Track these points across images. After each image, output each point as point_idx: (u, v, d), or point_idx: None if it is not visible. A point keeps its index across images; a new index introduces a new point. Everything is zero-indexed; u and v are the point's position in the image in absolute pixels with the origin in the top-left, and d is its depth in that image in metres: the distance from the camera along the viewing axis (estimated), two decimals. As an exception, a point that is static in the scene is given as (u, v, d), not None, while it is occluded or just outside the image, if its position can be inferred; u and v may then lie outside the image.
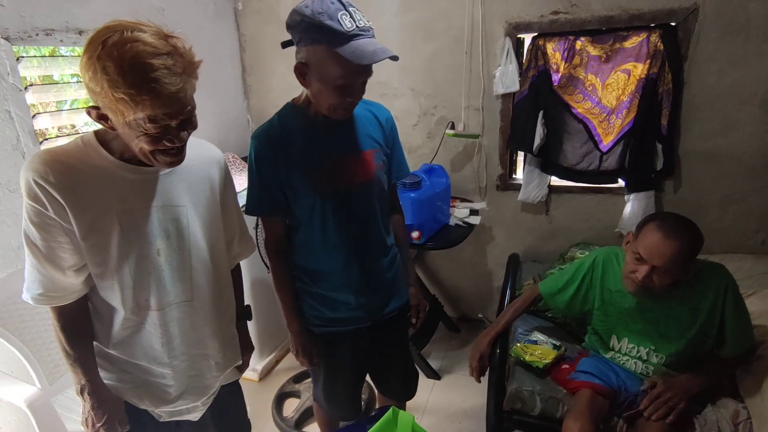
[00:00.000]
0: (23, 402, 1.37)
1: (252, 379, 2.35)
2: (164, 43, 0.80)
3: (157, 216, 0.97)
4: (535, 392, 1.53)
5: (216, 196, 1.09)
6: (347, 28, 0.98)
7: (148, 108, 0.79)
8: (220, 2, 2.44)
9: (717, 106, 2.02)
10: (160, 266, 0.99)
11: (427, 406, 2.14)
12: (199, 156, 1.06)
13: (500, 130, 2.33)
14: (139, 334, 1.02)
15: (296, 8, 1.02)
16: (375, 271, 1.30)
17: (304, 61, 1.06)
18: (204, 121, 2.66)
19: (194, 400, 1.14)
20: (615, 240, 2.28)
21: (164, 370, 1.06)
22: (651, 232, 1.32)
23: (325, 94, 1.07)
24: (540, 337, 1.71)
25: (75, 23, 1.72)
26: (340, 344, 1.34)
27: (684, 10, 1.91)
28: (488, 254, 2.62)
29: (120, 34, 0.77)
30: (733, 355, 1.41)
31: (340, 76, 1.03)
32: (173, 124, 0.85)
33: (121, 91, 0.76)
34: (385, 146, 1.28)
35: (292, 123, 1.17)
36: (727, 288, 1.36)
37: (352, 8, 1.01)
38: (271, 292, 2.38)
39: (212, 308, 1.11)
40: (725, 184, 2.12)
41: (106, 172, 0.92)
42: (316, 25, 0.98)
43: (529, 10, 2.10)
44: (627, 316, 1.48)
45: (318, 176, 1.17)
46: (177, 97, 0.81)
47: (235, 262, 1.26)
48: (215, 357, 1.14)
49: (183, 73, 0.81)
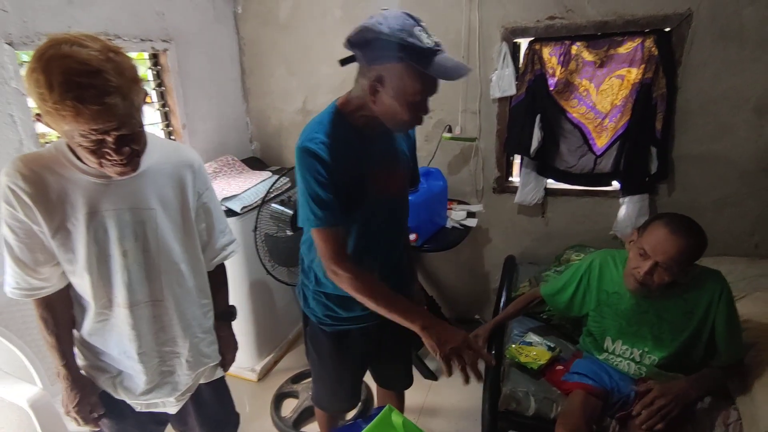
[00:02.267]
0: (25, 402, 1.39)
1: (251, 379, 2.37)
2: (101, 60, 0.82)
3: (124, 218, 1.01)
4: (530, 393, 1.55)
5: (188, 199, 1.12)
6: (427, 44, 0.97)
7: (72, 123, 0.82)
8: (219, 6, 2.47)
9: (711, 110, 2.04)
10: (128, 266, 1.04)
11: (424, 406, 2.16)
12: (170, 159, 1.09)
13: (497, 134, 2.35)
14: (110, 328, 1.08)
15: (368, 26, 0.99)
16: (393, 273, 1.32)
17: (378, 79, 1.03)
18: (204, 124, 2.70)
19: (167, 395, 1.18)
20: (610, 242, 2.30)
21: (134, 365, 1.11)
22: (657, 229, 1.34)
23: (398, 110, 1.05)
24: (535, 338, 1.73)
25: (77, 28, 1.74)
26: (350, 341, 1.37)
27: (678, 15, 1.93)
28: (485, 256, 2.64)
29: (56, 49, 0.80)
30: (722, 363, 1.42)
31: (418, 92, 1.02)
32: (109, 140, 0.87)
33: (48, 104, 0.80)
34: (410, 158, 1.33)
35: (344, 133, 1.13)
36: (721, 294, 1.38)
37: (423, 23, 1.01)
38: (270, 293, 2.42)
39: (184, 308, 1.15)
40: (719, 187, 2.14)
41: (74, 176, 0.96)
42: (397, 43, 0.96)
43: (526, 15, 2.12)
44: (622, 317, 1.50)
45: (363, 190, 1.17)
46: (104, 115, 0.82)
47: (216, 263, 1.28)
48: (186, 356, 1.18)
49: (116, 91, 0.82)
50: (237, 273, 2.19)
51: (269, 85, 2.68)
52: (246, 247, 2.12)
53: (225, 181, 2.29)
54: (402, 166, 1.27)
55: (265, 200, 1.97)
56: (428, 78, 1.00)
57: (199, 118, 2.40)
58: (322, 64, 2.51)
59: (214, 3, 2.42)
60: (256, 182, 2.26)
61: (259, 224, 1.95)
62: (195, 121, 2.37)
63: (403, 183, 1.30)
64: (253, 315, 2.29)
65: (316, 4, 2.42)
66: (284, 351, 2.57)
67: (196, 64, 2.34)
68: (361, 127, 1.14)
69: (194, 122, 2.36)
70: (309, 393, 2.14)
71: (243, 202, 2.10)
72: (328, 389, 1.49)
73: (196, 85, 2.35)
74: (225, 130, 2.61)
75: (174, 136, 2.31)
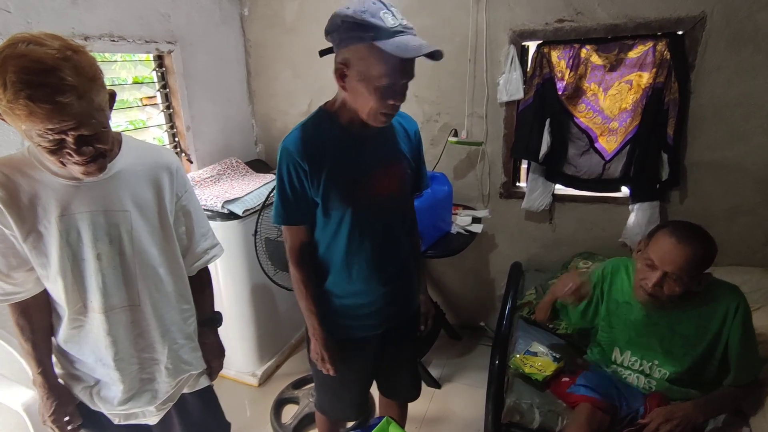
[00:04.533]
0: (20, 405, 1.38)
1: (251, 384, 2.35)
2: (57, 58, 0.80)
3: (98, 220, 1.00)
4: (534, 405, 1.51)
5: (165, 203, 1.10)
6: (391, 24, 0.97)
7: (27, 122, 0.80)
8: (225, 8, 2.46)
9: (725, 116, 1.99)
10: (103, 270, 1.02)
11: (426, 415, 2.12)
12: (146, 161, 1.07)
13: (504, 138, 2.31)
14: (85, 334, 1.06)
15: (336, 12, 1.01)
16: (393, 281, 1.29)
17: (344, 62, 1.03)
18: (208, 126, 2.70)
19: (146, 404, 1.15)
20: (618, 250, 2.25)
21: (111, 372, 1.08)
22: (663, 238, 1.30)
23: (366, 96, 1.03)
24: (540, 348, 1.69)
25: (81, 29, 1.74)
26: (351, 350, 1.34)
27: (691, 19, 1.89)
28: (491, 262, 2.60)
29: (13, 48, 0.79)
30: (736, 382, 1.35)
31: (383, 75, 1.00)
32: (69, 139, 0.85)
33: (2, 103, 0.79)
34: (412, 160, 1.28)
35: (326, 131, 1.14)
36: (737, 309, 1.32)
37: (393, 8, 1.01)
38: (271, 297, 2.40)
39: (162, 313, 1.13)
40: (733, 195, 2.08)
41: (45, 178, 0.95)
42: (359, 23, 0.97)
43: (534, 18, 2.08)
44: (632, 328, 1.45)
45: (351, 190, 1.15)
46: (58, 114, 0.81)
47: (197, 268, 1.25)
48: (165, 362, 1.15)
49: (71, 90, 0.81)
50: (238, 277, 2.17)
51: (274, 88, 2.67)
52: (247, 251, 2.11)
53: (228, 183, 2.28)
54: (398, 166, 1.22)
55: (266, 204, 1.95)
56: (393, 59, 0.97)
57: (203, 120, 2.39)
58: (328, 67, 2.48)
59: (220, 5, 2.42)
60: (260, 185, 2.25)
61: (260, 228, 1.92)
62: (199, 123, 2.36)
63: (400, 184, 1.24)
64: (254, 319, 2.27)
65: (322, 6, 2.40)
66: (286, 356, 2.55)
67: (202, 66, 2.33)
68: (348, 125, 1.14)
69: (199, 124, 2.36)
70: (310, 399, 2.11)
71: (245, 205, 2.08)
72: (332, 395, 1.46)
73: (201, 87, 2.34)
74: (230, 133, 2.60)
75: (178, 138, 2.30)
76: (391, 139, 1.22)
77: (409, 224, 1.34)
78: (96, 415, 1.14)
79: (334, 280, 1.26)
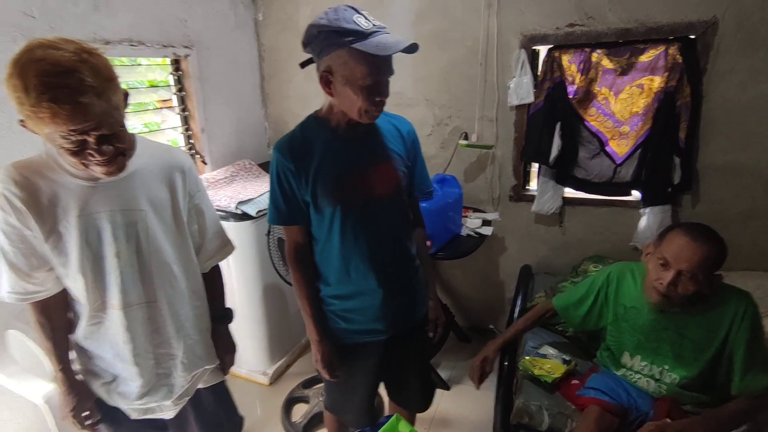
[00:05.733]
0: (40, 398, 1.42)
1: (262, 382, 2.38)
2: (74, 60, 0.83)
3: (115, 220, 1.03)
4: (543, 407, 1.51)
5: (178, 201, 1.13)
6: (365, 27, 1.01)
7: (51, 124, 0.83)
8: (240, 13, 2.51)
9: (737, 120, 1.98)
10: (121, 268, 1.05)
11: (435, 416, 2.13)
12: (159, 161, 1.11)
13: (514, 141, 2.32)
14: (104, 331, 1.09)
15: (311, 23, 1.06)
16: (394, 284, 1.28)
17: (328, 70, 1.07)
18: (222, 128, 2.74)
19: (163, 398, 1.18)
20: (629, 254, 2.24)
21: (129, 367, 1.11)
22: (677, 237, 1.30)
23: (353, 97, 1.07)
24: (550, 351, 1.69)
25: (102, 34, 1.79)
26: (356, 356, 1.35)
27: (703, 23, 1.88)
28: (500, 265, 2.60)
29: (30, 53, 0.82)
30: (744, 391, 1.31)
31: (366, 75, 1.03)
32: (90, 139, 0.88)
33: (26, 107, 0.82)
34: (407, 159, 1.28)
35: (314, 134, 1.18)
36: (745, 313, 1.30)
37: (364, 11, 1.05)
38: (283, 297, 2.42)
39: (177, 309, 1.16)
40: (745, 199, 2.07)
41: (64, 179, 0.98)
42: (336, 30, 1.01)
43: (545, 22, 2.10)
44: (641, 333, 1.45)
45: (339, 187, 1.17)
46: (80, 114, 0.84)
47: (210, 265, 1.29)
48: (181, 357, 1.18)
49: (90, 90, 0.84)
50: (251, 277, 2.21)
51: (287, 91, 2.71)
52: (260, 251, 2.14)
53: (241, 185, 2.32)
54: (388, 164, 1.23)
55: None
56: (372, 58, 1.01)
57: (217, 122, 2.43)
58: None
59: (235, 10, 2.47)
60: (272, 187, 2.28)
61: (272, 228, 1.96)
62: (214, 126, 2.41)
63: (392, 182, 1.24)
64: (266, 318, 2.30)
65: (334, 11, 2.44)
66: (297, 355, 2.57)
67: (217, 69, 2.38)
68: (336, 127, 1.18)
69: (213, 126, 2.40)
70: (320, 398, 2.13)
71: (258, 206, 2.12)
72: (338, 397, 1.47)
73: (215, 90, 2.39)
74: (243, 135, 2.64)
75: (193, 140, 2.35)
76: (380, 139, 1.24)
77: (409, 225, 1.34)
78: (113, 411, 1.18)
79: (335, 281, 1.27)
